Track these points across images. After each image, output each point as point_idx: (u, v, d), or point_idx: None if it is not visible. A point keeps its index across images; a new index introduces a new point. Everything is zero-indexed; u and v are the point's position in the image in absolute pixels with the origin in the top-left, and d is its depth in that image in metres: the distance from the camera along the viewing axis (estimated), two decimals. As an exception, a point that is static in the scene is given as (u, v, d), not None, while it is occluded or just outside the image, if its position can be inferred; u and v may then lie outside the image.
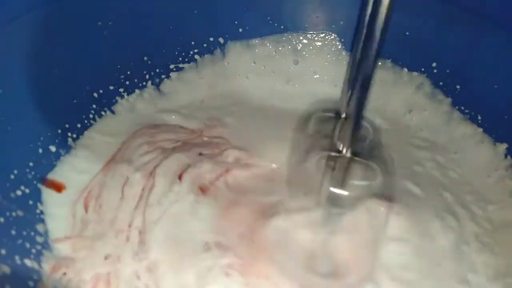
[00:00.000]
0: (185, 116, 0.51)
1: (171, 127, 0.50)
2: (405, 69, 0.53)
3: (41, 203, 0.41)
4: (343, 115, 0.43)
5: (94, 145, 0.46)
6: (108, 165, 0.45)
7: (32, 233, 0.39)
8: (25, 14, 0.40)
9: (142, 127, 0.49)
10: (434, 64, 0.50)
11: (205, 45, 0.54)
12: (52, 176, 0.43)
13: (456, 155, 0.48)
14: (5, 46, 0.39)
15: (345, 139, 0.35)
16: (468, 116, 0.48)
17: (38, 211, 0.40)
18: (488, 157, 0.46)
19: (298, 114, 0.51)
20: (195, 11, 0.51)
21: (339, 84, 0.54)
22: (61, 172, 0.43)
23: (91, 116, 0.48)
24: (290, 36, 0.56)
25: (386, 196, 0.40)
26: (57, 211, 0.42)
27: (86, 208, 0.42)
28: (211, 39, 0.54)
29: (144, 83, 0.52)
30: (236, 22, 0.54)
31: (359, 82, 0.31)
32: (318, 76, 0.55)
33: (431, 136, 0.50)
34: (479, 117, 0.47)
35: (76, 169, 0.44)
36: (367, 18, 0.37)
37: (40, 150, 0.42)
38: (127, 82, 0.51)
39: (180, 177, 0.43)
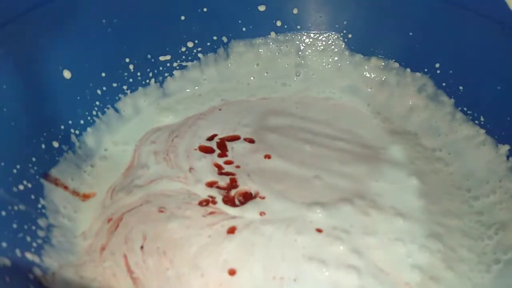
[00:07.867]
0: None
1: None
2: (408, 70, 0.53)
3: (43, 197, 0.41)
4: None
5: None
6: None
7: (34, 227, 0.39)
8: (29, 11, 0.41)
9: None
10: (437, 65, 0.50)
11: (208, 43, 0.54)
12: (55, 172, 0.43)
13: (458, 156, 0.47)
14: (8, 42, 0.39)
15: None
16: (470, 117, 0.48)
17: (40, 205, 0.41)
18: (490, 159, 0.45)
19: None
20: (199, 10, 0.52)
21: (340, 83, 0.54)
22: (62, 168, 0.44)
23: (94, 113, 0.48)
24: (293, 36, 0.56)
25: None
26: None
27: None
28: (215, 37, 0.54)
29: (147, 81, 0.52)
30: (239, 21, 0.54)
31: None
32: (320, 75, 0.55)
33: (433, 136, 0.50)
34: (482, 118, 0.47)
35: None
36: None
37: (43, 146, 0.43)
38: (131, 80, 0.51)
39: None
